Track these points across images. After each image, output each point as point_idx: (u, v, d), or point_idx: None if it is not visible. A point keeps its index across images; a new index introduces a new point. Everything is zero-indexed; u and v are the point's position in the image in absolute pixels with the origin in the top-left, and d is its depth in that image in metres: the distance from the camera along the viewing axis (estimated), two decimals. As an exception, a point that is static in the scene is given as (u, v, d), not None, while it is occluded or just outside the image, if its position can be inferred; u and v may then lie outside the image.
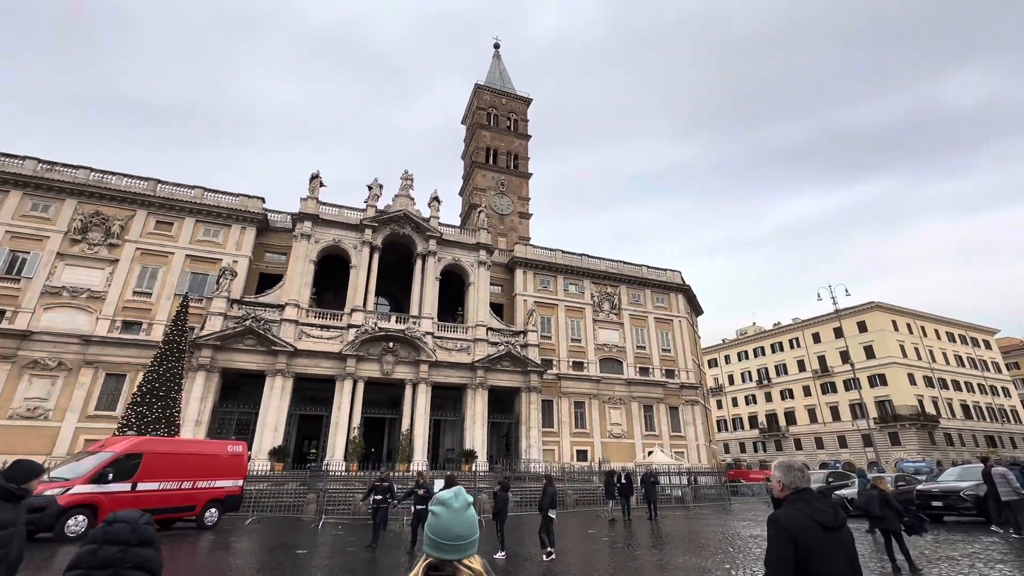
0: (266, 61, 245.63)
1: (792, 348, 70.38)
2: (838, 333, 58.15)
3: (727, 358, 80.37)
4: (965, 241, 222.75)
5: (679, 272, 48.68)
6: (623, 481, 21.39)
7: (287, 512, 20.74)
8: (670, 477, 30.33)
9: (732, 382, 78.40)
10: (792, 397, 68.61)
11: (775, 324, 76.73)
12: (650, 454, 36.08)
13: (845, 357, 52.94)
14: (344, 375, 30.28)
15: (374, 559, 11.95)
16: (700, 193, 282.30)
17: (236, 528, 16.91)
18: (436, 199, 38.06)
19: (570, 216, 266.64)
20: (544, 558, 11.55)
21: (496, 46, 69.44)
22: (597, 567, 11.58)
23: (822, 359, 65.67)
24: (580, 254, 44.62)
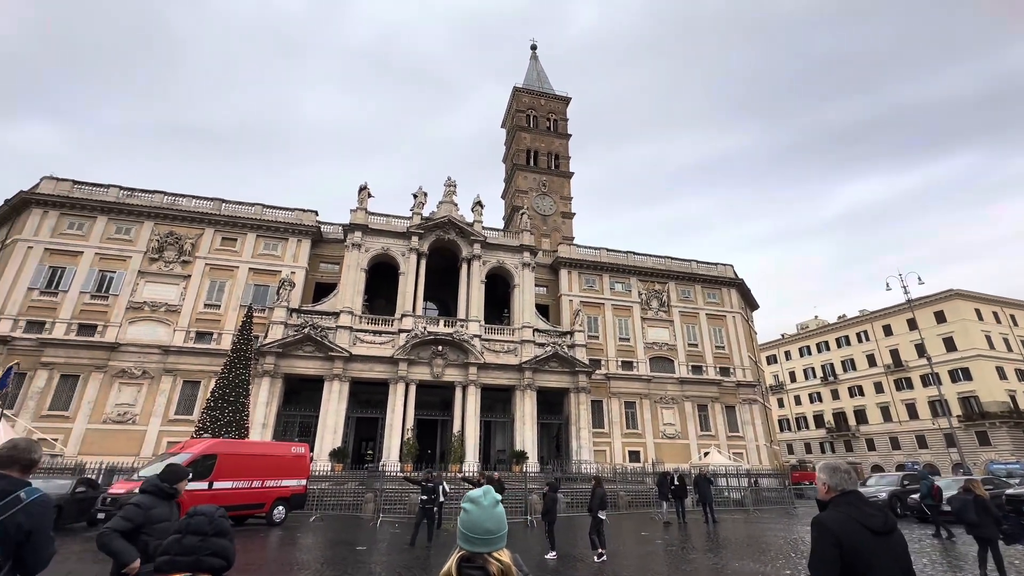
0: (313, 82, 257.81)
1: (860, 342, 65.95)
2: (912, 325, 53.86)
3: (787, 354, 76.41)
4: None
5: (731, 266, 46.89)
6: (676, 483, 20.93)
7: (347, 511, 21.68)
8: (728, 479, 29.23)
9: (794, 379, 74.48)
10: (862, 394, 64.30)
11: (840, 317, 72.18)
12: (706, 455, 34.95)
13: (921, 350, 49.02)
14: (396, 378, 31.34)
15: (427, 556, 12.35)
16: (754, 182, 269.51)
17: (301, 525, 17.91)
18: (479, 203, 38.68)
19: (615, 213, 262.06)
20: (595, 559, 11.53)
21: (533, 47, 70.09)
22: (650, 569, 11.41)
23: (895, 353, 61.15)
24: (625, 251, 43.93)
